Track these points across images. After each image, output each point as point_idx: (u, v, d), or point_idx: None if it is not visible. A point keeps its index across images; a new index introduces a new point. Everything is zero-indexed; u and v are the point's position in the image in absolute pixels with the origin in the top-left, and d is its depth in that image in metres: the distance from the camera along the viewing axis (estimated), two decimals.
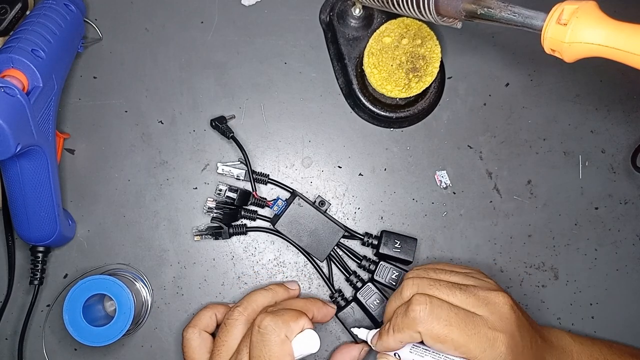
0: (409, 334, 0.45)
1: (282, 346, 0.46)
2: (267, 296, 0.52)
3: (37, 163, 0.48)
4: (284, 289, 0.53)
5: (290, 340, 0.47)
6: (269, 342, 0.46)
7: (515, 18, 0.38)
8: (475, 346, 0.42)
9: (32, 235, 0.52)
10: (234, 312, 0.50)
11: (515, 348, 0.43)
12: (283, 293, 0.53)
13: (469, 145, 0.59)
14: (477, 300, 0.44)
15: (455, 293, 0.45)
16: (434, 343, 0.44)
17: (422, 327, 0.44)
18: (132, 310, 0.52)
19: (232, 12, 0.59)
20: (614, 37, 0.34)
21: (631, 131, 0.59)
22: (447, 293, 0.45)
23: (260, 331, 0.46)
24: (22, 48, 0.46)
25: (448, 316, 0.43)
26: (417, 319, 0.44)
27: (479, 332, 0.43)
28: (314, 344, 0.48)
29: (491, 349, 0.42)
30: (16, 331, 0.56)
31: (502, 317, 0.44)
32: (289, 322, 0.47)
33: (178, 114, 0.58)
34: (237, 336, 0.49)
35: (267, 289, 0.52)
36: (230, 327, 0.49)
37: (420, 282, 0.46)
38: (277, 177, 0.58)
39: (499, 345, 0.42)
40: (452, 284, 0.46)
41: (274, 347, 0.46)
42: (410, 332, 0.44)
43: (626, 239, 0.59)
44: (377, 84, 0.54)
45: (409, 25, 0.54)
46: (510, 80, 0.59)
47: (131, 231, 0.57)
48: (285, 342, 0.46)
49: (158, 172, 0.58)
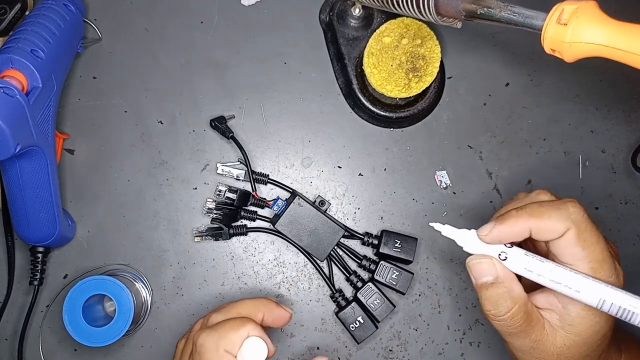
0: (552, 225, 0.39)
1: (221, 356, 0.44)
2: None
3: (37, 163, 0.48)
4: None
5: (233, 353, 0.44)
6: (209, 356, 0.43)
7: (515, 18, 0.38)
8: (608, 267, 0.40)
9: (31, 236, 0.52)
10: (195, 325, 0.50)
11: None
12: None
13: (469, 145, 0.59)
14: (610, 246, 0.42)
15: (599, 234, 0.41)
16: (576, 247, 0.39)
17: (575, 224, 0.39)
18: (131, 311, 0.52)
19: (232, 12, 0.59)
20: (614, 37, 0.34)
21: (631, 131, 0.59)
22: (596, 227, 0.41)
23: (198, 350, 0.44)
24: (21, 48, 0.46)
25: (597, 230, 0.40)
26: (573, 215, 0.39)
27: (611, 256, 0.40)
28: (261, 351, 0.44)
29: (616, 277, 0.40)
30: (16, 331, 0.55)
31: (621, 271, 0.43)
32: (228, 335, 0.44)
33: (178, 114, 0.58)
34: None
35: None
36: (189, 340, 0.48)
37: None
38: (277, 177, 0.58)
39: (621, 278, 0.41)
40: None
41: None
42: (556, 224, 0.39)
43: (626, 239, 0.59)
44: (377, 84, 0.54)
45: (408, 25, 0.54)
46: (511, 80, 0.59)
47: (131, 231, 0.57)
48: (224, 356, 0.44)
49: (158, 173, 0.58)
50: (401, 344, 0.57)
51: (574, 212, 0.40)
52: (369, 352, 0.57)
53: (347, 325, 0.55)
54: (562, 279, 0.40)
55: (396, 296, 0.57)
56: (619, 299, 0.39)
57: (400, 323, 0.57)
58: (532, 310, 0.41)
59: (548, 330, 0.41)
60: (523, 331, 0.41)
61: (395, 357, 0.57)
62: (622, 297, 0.39)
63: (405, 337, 0.57)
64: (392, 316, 0.57)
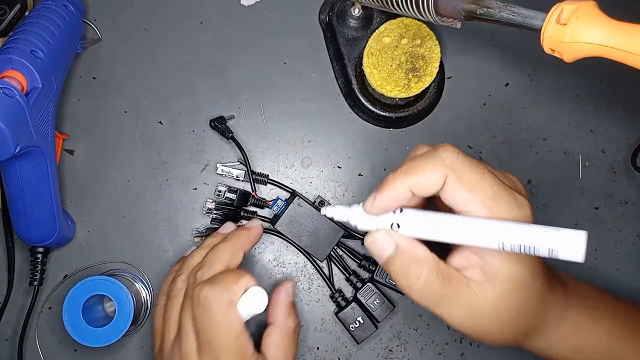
0: (431, 177, 0.37)
1: (227, 313, 0.44)
2: (202, 254, 0.50)
3: (37, 164, 0.48)
4: (220, 238, 0.51)
5: (236, 303, 0.45)
6: (213, 313, 0.44)
7: (515, 18, 0.38)
8: (504, 201, 0.37)
9: (31, 236, 0.52)
10: (177, 282, 0.49)
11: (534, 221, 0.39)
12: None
13: (469, 145, 0.59)
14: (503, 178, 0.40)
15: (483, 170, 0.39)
16: (460, 190, 0.37)
17: (451, 169, 0.37)
18: (131, 311, 0.52)
19: (231, 12, 0.59)
20: (613, 37, 0.34)
21: (631, 131, 0.59)
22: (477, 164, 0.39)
23: (201, 304, 0.44)
24: (21, 49, 0.46)
25: (479, 166, 0.38)
26: (447, 160, 0.37)
27: (506, 189, 0.38)
28: (262, 300, 0.46)
29: (518, 209, 0.38)
30: (16, 332, 0.55)
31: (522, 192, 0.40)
32: (230, 286, 0.45)
33: (177, 114, 0.58)
34: (180, 305, 0.48)
35: (203, 247, 0.51)
36: (175, 297, 0.48)
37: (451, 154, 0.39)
38: (277, 178, 0.58)
39: (524, 207, 0.38)
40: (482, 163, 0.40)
41: (219, 316, 0.44)
42: (434, 175, 0.37)
43: (626, 239, 0.59)
44: (377, 84, 0.54)
45: (408, 25, 0.54)
46: (510, 80, 0.59)
47: (131, 232, 0.57)
48: (230, 307, 0.44)
49: (157, 173, 0.58)
50: (401, 344, 0.57)
51: (447, 157, 0.37)
52: (368, 352, 0.57)
53: (347, 326, 0.55)
54: (459, 229, 0.37)
55: (396, 296, 0.57)
56: (516, 237, 0.35)
57: (400, 323, 0.57)
58: (449, 272, 0.38)
59: (475, 289, 0.38)
60: (446, 295, 0.38)
61: (395, 357, 0.57)
62: (519, 233, 0.35)
63: (405, 337, 0.57)
64: (392, 316, 0.57)
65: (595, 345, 0.45)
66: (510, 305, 0.39)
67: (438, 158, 0.37)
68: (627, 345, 0.46)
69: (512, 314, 0.39)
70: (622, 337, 0.46)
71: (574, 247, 0.34)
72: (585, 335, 0.46)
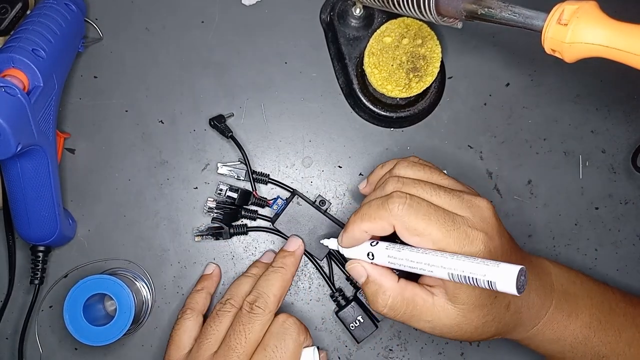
0: (380, 225, 0.43)
1: (297, 347, 0.48)
2: (251, 283, 0.52)
3: (38, 163, 0.49)
4: (264, 268, 0.54)
5: (301, 349, 0.49)
6: (290, 339, 0.48)
7: (516, 18, 0.38)
8: (453, 241, 0.42)
9: (32, 235, 0.52)
10: (226, 304, 0.51)
11: (493, 250, 0.43)
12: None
13: (469, 145, 0.59)
14: (460, 202, 0.44)
15: (439, 194, 0.44)
16: (410, 236, 0.42)
17: (398, 220, 0.42)
18: (132, 310, 0.52)
19: (232, 11, 0.59)
20: (614, 37, 0.34)
21: (631, 131, 0.59)
22: (430, 193, 0.44)
23: (285, 325, 0.48)
24: (22, 48, 0.46)
25: (427, 212, 0.42)
26: (393, 212, 0.42)
27: (458, 228, 0.42)
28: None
29: (470, 246, 0.42)
30: (16, 330, 0.56)
31: (484, 219, 0.43)
32: (306, 333, 0.49)
33: (178, 113, 0.58)
34: (227, 325, 0.50)
35: (250, 275, 0.53)
36: (222, 317, 0.50)
37: (405, 180, 0.45)
38: (278, 177, 0.58)
39: (477, 243, 0.42)
40: (437, 186, 0.45)
41: (292, 344, 0.48)
42: (383, 223, 0.43)
43: (626, 239, 0.59)
44: (378, 83, 0.54)
45: (409, 25, 0.54)
46: (511, 80, 0.59)
47: (131, 231, 0.57)
48: (300, 346, 0.48)
49: (158, 172, 0.58)
50: (401, 344, 0.57)
51: (394, 208, 0.42)
52: (369, 351, 0.57)
53: (347, 325, 0.55)
54: (415, 262, 0.42)
55: None
56: (461, 270, 0.40)
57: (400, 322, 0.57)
58: (414, 297, 0.44)
59: (439, 307, 0.44)
60: (412, 315, 0.45)
61: (395, 356, 0.57)
62: (463, 267, 0.40)
63: (405, 336, 0.57)
64: None
65: (572, 338, 0.49)
66: (471, 320, 0.44)
67: (386, 209, 0.43)
68: (604, 336, 0.50)
69: (474, 326, 0.44)
70: (599, 329, 0.50)
71: (508, 281, 0.38)
72: (562, 330, 0.49)
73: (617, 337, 0.50)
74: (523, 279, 0.38)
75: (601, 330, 0.50)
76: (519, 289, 0.38)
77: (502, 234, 0.45)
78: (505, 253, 0.44)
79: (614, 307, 0.51)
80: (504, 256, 0.44)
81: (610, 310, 0.51)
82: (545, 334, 0.49)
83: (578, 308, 0.50)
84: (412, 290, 0.45)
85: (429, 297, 0.44)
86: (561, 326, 0.49)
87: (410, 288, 0.45)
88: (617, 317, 0.50)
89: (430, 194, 0.44)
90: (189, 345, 0.51)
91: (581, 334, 0.49)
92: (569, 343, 0.49)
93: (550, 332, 0.49)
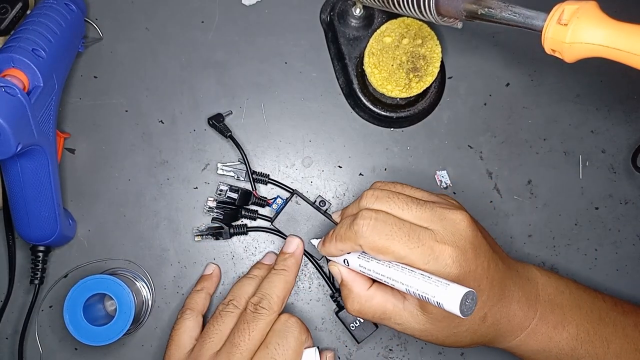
0: (350, 245, 0.46)
1: (299, 346, 0.48)
2: (253, 284, 0.53)
3: (38, 162, 0.49)
4: (266, 270, 0.54)
5: (302, 348, 0.49)
6: (292, 337, 0.48)
7: (516, 18, 0.38)
8: (417, 258, 0.43)
9: (32, 235, 0.52)
10: (228, 305, 0.51)
11: (465, 263, 0.43)
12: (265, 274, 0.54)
13: (469, 145, 0.59)
14: (432, 215, 0.44)
15: (410, 207, 0.45)
16: (375, 254, 0.45)
17: (362, 240, 0.44)
18: (132, 310, 0.52)
19: (232, 11, 0.59)
20: (614, 37, 0.34)
21: (631, 131, 0.59)
22: (401, 207, 0.45)
23: (287, 324, 0.49)
24: (22, 47, 0.46)
25: (391, 231, 0.43)
26: (358, 233, 0.44)
27: (423, 244, 0.43)
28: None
29: (435, 261, 0.42)
30: (16, 330, 0.56)
31: (456, 232, 0.43)
32: (307, 333, 0.49)
33: (178, 113, 0.58)
34: (230, 325, 0.50)
35: (252, 277, 0.53)
36: (225, 317, 0.50)
37: (380, 193, 0.46)
38: (278, 177, 0.58)
39: (444, 257, 0.42)
40: (411, 198, 0.46)
41: (294, 342, 0.48)
42: (351, 244, 0.46)
43: (626, 239, 0.59)
44: (378, 83, 0.54)
45: (409, 25, 0.54)
46: (511, 80, 0.59)
47: (131, 231, 0.57)
48: (301, 345, 0.49)
49: (158, 172, 0.58)
50: (401, 344, 0.57)
51: (359, 230, 0.44)
52: (369, 351, 0.57)
53: (347, 325, 0.55)
54: (382, 275, 0.45)
55: None
56: (415, 287, 0.42)
57: None
58: (385, 302, 0.47)
59: (409, 312, 0.46)
60: (382, 319, 0.47)
61: (395, 356, 0.57)
62: (417, 283, 0.42)
63: (405, 336, 0.57)
64: None
65: (557, 349, 0.49)
66: (441, 328, 0.46)
67: (352, 230, 0.45)
68: (591, 348, 0.49)
69: (445, 334, 0.46)
70: (586, 341, 0.49)
71: (453, 304, 0.39)
72: (547, 341, 0.49)
73: (605, 348, 0.49)
74: (469, 302, 0.39)
75: (588, 342, 0.49)
76: (463, 312, 0.39)
77: (479, 246, 0.44)
78: (480, 266, 0.44)
79: (604, 316, 0.50)
80: (479, 270, 0.44)
81: (600, 320, 0.50)
82: (529, 344, 0.48)
83: (565, 319, 0.49)
84: (383, 296, 0.47)
85: (399, 302, 0.46)
86: (546, 337, 0.48)
87: (380, 295, 0.47)
88: (606, 328, 0.50)
89: (401, 208, 0.45)
90: (190, 345, 0.51)
91: (567, 346, 0.49)
92: (554, 354, 0.49)
93: (535, 343, 0.48)
